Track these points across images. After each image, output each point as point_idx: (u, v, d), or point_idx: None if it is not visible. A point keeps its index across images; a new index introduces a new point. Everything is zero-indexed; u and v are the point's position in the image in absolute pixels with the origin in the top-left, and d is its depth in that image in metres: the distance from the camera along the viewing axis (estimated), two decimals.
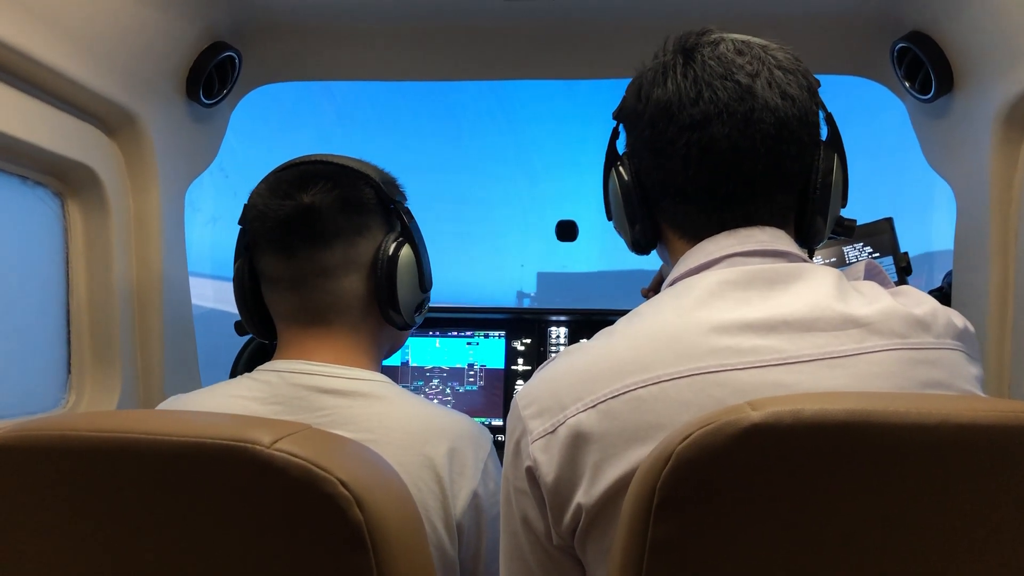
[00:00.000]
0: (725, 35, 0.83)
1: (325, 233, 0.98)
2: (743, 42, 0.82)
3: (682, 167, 0.81)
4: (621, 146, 0.92)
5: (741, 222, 0.81)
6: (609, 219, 0.96)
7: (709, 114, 0.78)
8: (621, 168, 0.89)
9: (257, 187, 1.03)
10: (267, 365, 1.00)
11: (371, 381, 0.97)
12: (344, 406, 0.93)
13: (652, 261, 0.98)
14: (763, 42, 0.83)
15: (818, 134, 0.83)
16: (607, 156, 0.92)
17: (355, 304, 1.02)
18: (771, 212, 0.82)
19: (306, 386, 0.94)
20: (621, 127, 0.91)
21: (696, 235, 0.83)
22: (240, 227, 1.06)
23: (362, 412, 0.92)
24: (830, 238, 0.91)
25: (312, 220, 0.97)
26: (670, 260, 0.89)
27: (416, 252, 1.05)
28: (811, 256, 0.89)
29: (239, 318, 1.11)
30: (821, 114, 0.85)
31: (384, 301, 1.01)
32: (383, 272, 1.00)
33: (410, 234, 1.05)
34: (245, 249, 1.05)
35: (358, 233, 1.00)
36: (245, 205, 1.04)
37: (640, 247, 0.91)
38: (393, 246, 1.01)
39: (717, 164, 0.79)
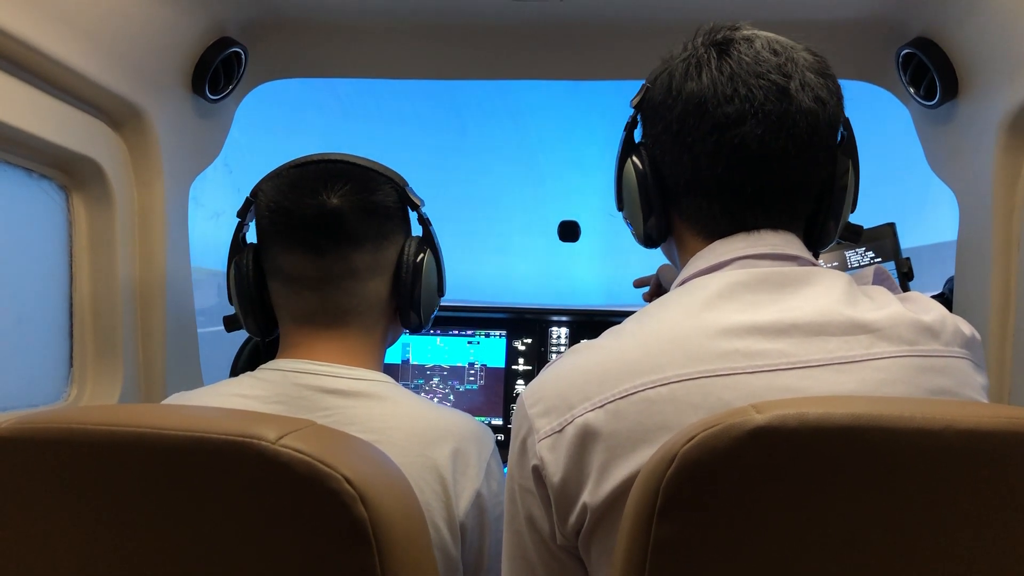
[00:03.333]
0: (758, 32, 0.82)
1: (355, 235, 0.97)
2: (776, 41, 0.81)
3: (710, 164, 0.80)
4: (637, 136, 0.91)
5: (762, 223, 0.80)
6: (619, 209, 0.94)
7: (744, 112, 0.77)
8: (638, 159, 0.87)
9: (270, 182, 1.01)
10: (270, 364, 0.99)
11: (374, 381, 0.97)
12: (347, 406, 0.93)
13: None
14: (792, 43, 0.82)
15: (837, 139, 0.83)
16: (623, 146, 0.90)
17: (376, 306, 1.02)
18: (787, 215, 0.81)
19: (309, 386, 0.94)
20: (639, 117, 0.89)
21: (712, 233, 0.83)
22: (239, 220, 1.05)
23: (365, 412, 0.92)
24: (836, 242, 0.91)
25: (342, 222, 0.96)
26: (679, 258, 0.89)
27: (437, 257, 1.07)
28: (816, 257, 0.89)
29: (230, 312, 1.10)
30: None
31: (406, 305, 1.02)
32: (408, 276, 1.01)
33: (432, 239, 1.07)
34: (243, 242, 1.04)
35: (384, 237, 1.01)
36: (249, 200, 1.03)
37: (651, 241, 0.90)
38: (416, 250, 1.02)
39: (747, 164, 0.78)
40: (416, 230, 1.09)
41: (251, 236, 1.08)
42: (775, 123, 0.77)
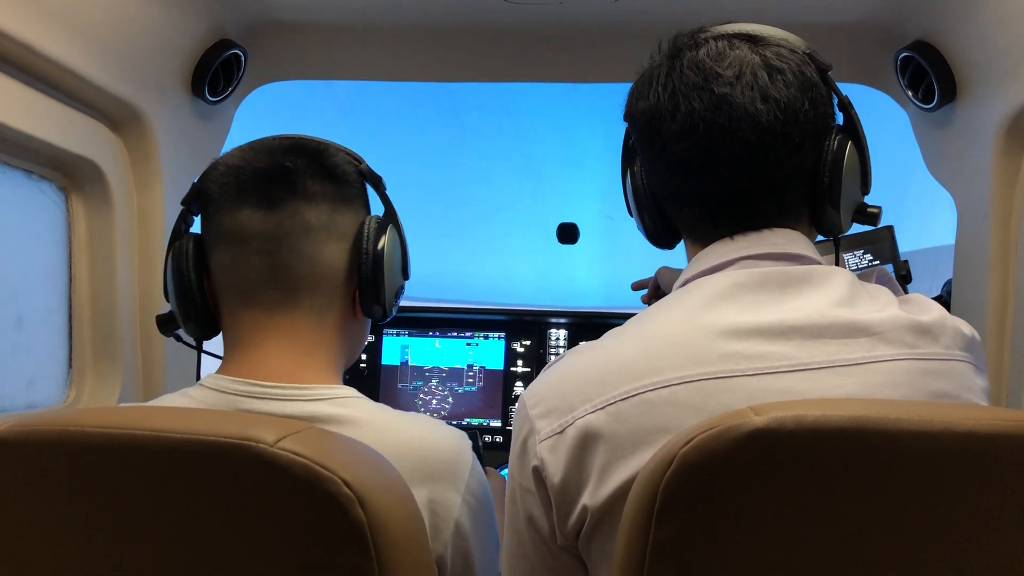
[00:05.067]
0: (715, 33, 0.81)
1: (310, 192, 0.89)
2: (730, 40, 0.79)
3: (668, 177, 0.82)
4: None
5: (748, 226, 0.80)
6: (631, 215, 0.95)
7: (687, 126, 0.78)
8: (634, 168, 0.89)
9: (220, 158, 0.93)
10: (210, 379, 0.87)
11: (334, 399, 0.86)
12: None
13: None
14: (761, 33, 0.80)
15: (823, 125, 0.80)
16: (622, 155, 0.92)
17: (331, 279, 0.91)
18: (781, 213, 0.80)
19: (256, 412, 0.83)
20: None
21: (702, 238, 0.83)
22: (183, 207, 0.96)
23: None
24: (860, 228, 0.88)
25: (295, 178, 0.89)
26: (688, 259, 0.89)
27: (400, 234, 0.98)
28: (837, 246, 0.88)
29: (167, 311, 0.98)
30: (835, 99, 0.83)
31: (367, 280, 0.91)
32: (369, 250, 0.91)
33: (394, 215, 0.98)
34: (187, 227, 0.96)
35: (341, 201, 0.92)
36: (195, 184, 0.94)
37: (664, 243, 0.91)
38: (377, 226, 0.93)
39: (700, 176, 0.79)
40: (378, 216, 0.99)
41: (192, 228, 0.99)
42: (718, 133, 0.77)
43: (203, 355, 1.05)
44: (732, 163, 0.77)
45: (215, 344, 1.00)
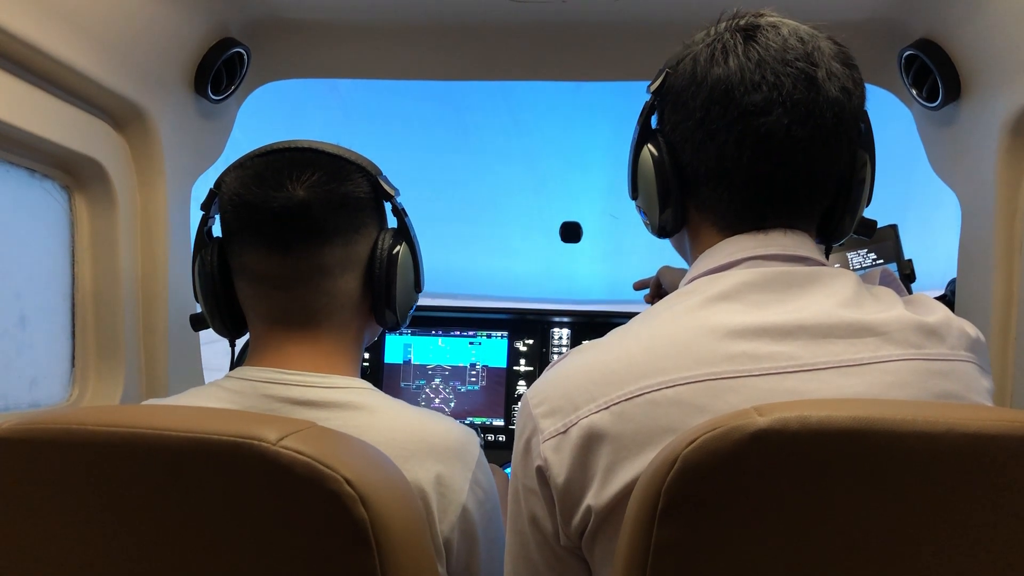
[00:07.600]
0: (783, 19, 0.80)
1: (324, 230, 0.91)
2: (801, 29, 0.79)
3: (735, 153, 0.77)
4: (654, 122, 0.87)
5: (777, 221, 0.79)
6: (633, 197, 0.91)
7: (772, 101, 0.75)
8: (655, 146, 0.83)
9: (233, 172, 0.94)
10: (238, 371, 0.93)
11: (350, 389, 0.91)
12: (321, 419, 0.85)
13: None
14: (816, 32, 0.80)
15: (857, 131, 0.81)
16: (639, 132, 0.86)
17: (348, 305, 0.96)
18: (804, 211, 0.80)
19: (279, 397, 0.88)
20: (656, 103, 0.86)
21: (729, 226, 0.81)
22: (203, 212, 0.99)
23: (340, 424, 0.85)
24: (850, 237, 0.90)
25: (310, 216, 0.90)
26: (690, 251, 0.87)
27: (413, 251, 1.01)
28: (828, 254, 0.87)
29: (198, 310, 1.03)
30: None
31: (381, 302, 0.97)
32: (382, 271, 0.95)
33: (407, 231, 1.00)
34: (209, 237, 0.98)
35: (356, 231, 0.94)
36: (212, 190, 0.97)
37: (664, 232, 0.87)
38: (390, 243, 0.96)
39: (772, 154, 0.76)
40: (391, 222, 1.02)
41: (218, 229, 1.01)
42: (802, 113, 0.75)
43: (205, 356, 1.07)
44: (806, 145, 0.76)
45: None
